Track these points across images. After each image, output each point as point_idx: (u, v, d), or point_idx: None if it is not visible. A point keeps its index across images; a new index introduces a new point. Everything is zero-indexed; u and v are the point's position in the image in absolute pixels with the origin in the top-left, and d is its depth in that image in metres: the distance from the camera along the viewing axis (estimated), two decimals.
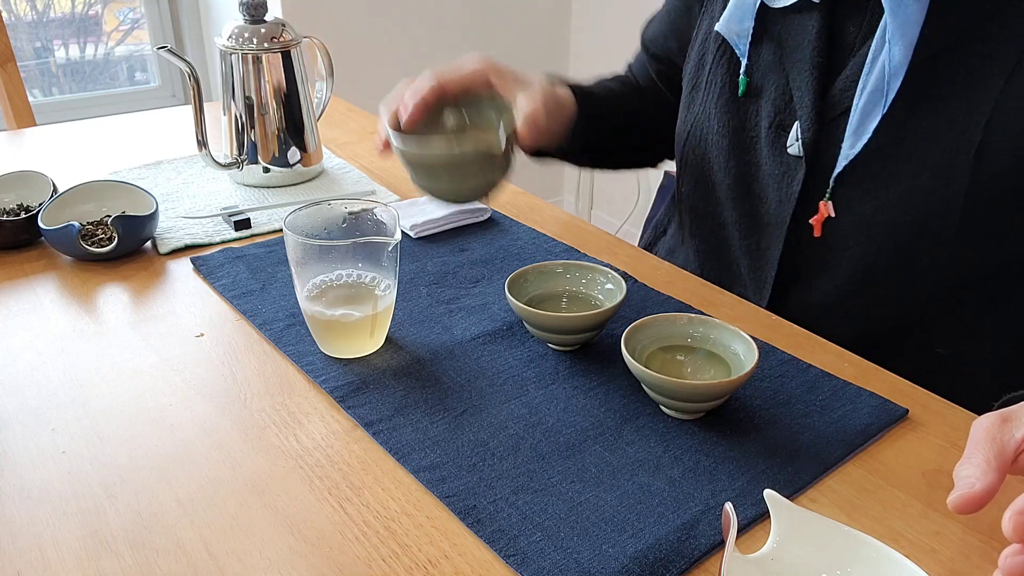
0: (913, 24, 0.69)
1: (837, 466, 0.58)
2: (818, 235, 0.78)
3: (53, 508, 0.54)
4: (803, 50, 0.78)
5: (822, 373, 0.67)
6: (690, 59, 0.91)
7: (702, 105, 0.88)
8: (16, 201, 0.93)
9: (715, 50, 0.87)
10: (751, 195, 0.83)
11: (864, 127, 0.73)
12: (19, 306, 0.77)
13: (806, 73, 0.77)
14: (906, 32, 0.69)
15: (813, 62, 0.77)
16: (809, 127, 0.77)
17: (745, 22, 0.81)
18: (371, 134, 1.25)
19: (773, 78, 0.81)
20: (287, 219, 0.66)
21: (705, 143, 0.87)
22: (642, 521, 0.53)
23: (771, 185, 0.81)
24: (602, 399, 0.64)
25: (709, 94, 0.87)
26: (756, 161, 0.82)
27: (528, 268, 0.74)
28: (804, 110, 0.77)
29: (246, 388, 0.66)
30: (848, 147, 0.74)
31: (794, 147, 0.78)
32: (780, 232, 0.80)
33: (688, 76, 0.92)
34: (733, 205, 0.85)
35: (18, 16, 2.25)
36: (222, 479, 0.57)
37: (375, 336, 0.70)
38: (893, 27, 0.70)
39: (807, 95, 0.77)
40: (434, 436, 0.60)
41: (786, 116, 0.79)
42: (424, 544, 0.51)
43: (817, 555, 0.48)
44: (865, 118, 0.73)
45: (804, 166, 0.77)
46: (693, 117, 0.89)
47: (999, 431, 0.49)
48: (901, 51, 0.70)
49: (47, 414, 0.63)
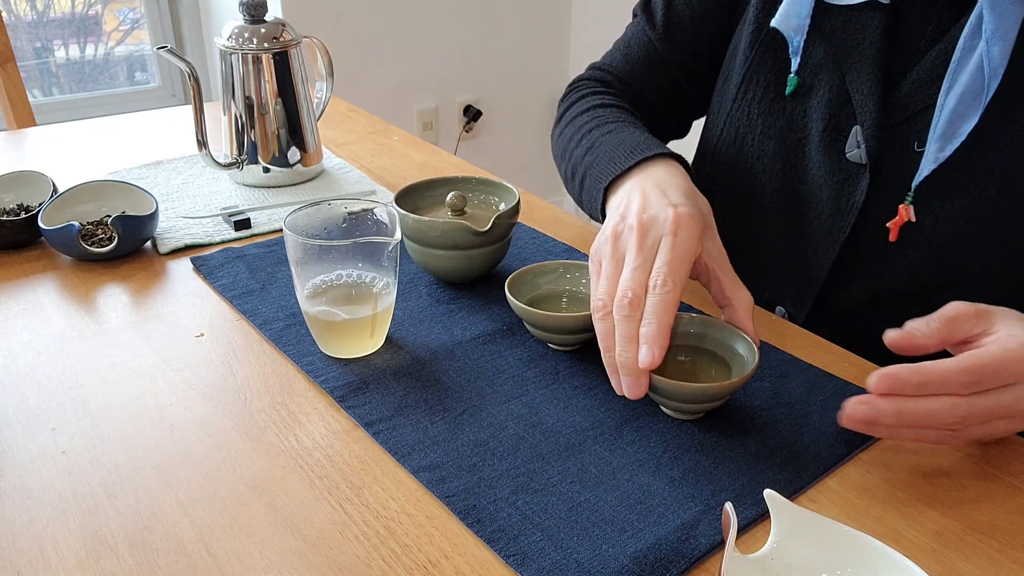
0: (1013, 23, 0.66)
1: (837, 466, 0.58)
2: (894, 239, 0.74)
3: (53, 508, 0.54)
4: (864, 50, 0.74)
5: (822, 373, 0.67)
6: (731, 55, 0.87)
7: (741, 105, 0.83)
8: (16, 201, 0.93)
9: (759, 48, 0.82)
10: (800, 201, 0.80)
11: (956, 130, 0.69)
12: (19, 306, 0.77)
13: (868, 74, 0.73)
14: (1007, 33, 0.66)
15: (877, 63, 0.73)
16: (873, 133, 0.73)
17: (802, 16, 0.77)
18: (371, 134, 1.25)
19: (825, 78, 0.77)
20: (287, 219, 0.66)
21: (743, 146, 0.83)
22: (642, 521, 0.53)
23: (825, 192, 0.77)
24: (602, 399, 0.64)
25: (751, 94, 0.82)
26: (805, 166, 0.79)
27: (528, 268, 0.74)
28: (867, 115, 0.73)
29: (246, 388, 0.66)
30: (936, 150, 0.70)
31: (854, 153, 0.74)
32: (836, 242, 0.77)
33: (725, 75, 0.87)
34: (777, 213, 0.82)
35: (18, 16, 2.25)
36: (222, 479, 0.57)
37: (375, 336, 0.70)
38: (993, 25, 0.66)
39: (870, 98, 0.73)
40: (434, 436, 0.60)
41: (843, 119, 0.76)
42: (424, 544, 0.51)
43: (817, 555, 0.48)
44: (957, 120, 0.68)
45: (868, 174, 0.74)
46: (729, 119, 0.85)
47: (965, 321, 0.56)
48: (1001, 50, 0.66)
49: (47, 414, 0.63)
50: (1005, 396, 0.53)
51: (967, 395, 0.53)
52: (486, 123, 2.84)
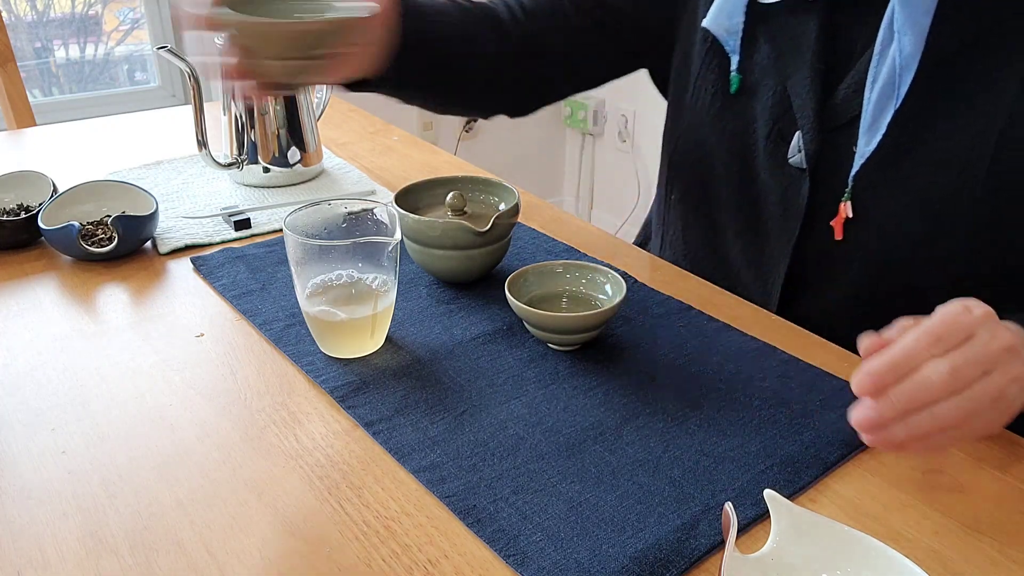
0: (923, 14, 0.66)
1: (837, 466, 0.58)
2: (839, 237, 0.75)
3: (53, 508, 0.54)
4: (801, 54, 0.74)
5: (822, 373, 0.67)
6: (674, 60, 0.88)
7: (692, 109, 0.84)
8: (16, 201, 0.93)
9: (704, 50, 0.83)
10: (753, 203, 0.81)
11: (878, 123, 0.70)
12: (19, 306, 0.77)
13: (806, 80, 0.74)
14: (917, 22, 0.66)
15: (814, 68, 0.74)
16: (812, 138, 0.74)
17: (735, 17, 0.78)
18: (371, 134, 1.25)
19: (768, 82, 0.77)
20: (287, 219, 0.66)
21: (701, 148, 0.84)
22: (642, 521, 0.53)
23: (773, 196, 0.78)
24: (602, 399, 0.64)
25: (701, 97, 0.83)
26: (755, 168, 0.79)
27: (528, 268, 0.74)
28: (806, 120, 0.74)
29: (246, 388, 0.66)
30: (864, 144, 0.71)
31: (796, 158, 0.75)
32: (787, 245, 0.78)
33: (674, 78, 0.88)
34: (735, 214, 0.83)
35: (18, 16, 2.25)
36: (222, 479, 0.57)
37: (375, 336, 0.70)
38: (903, 17, 0.66)
39: (808, 103, 0.74)
40: (434, 436, 0.60)
41: (785, 124, 0.76)
42: (424, 544, 0.51)
43: (817, 555, 0.48)
44: (879, 114, 0.70)
45: (808, 179, 0.75)
46: (685, 121, 0.86)
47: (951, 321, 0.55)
48: (911, 42, 0.67)
49: (47, 414, 0.63)
50: (976, 346, 0.54)
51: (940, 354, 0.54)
52: (486, 123, 2.84)
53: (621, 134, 2.70)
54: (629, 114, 2.65)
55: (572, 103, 2.86)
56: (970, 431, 0.56)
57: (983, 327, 0.56)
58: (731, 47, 0.79)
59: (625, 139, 2.70)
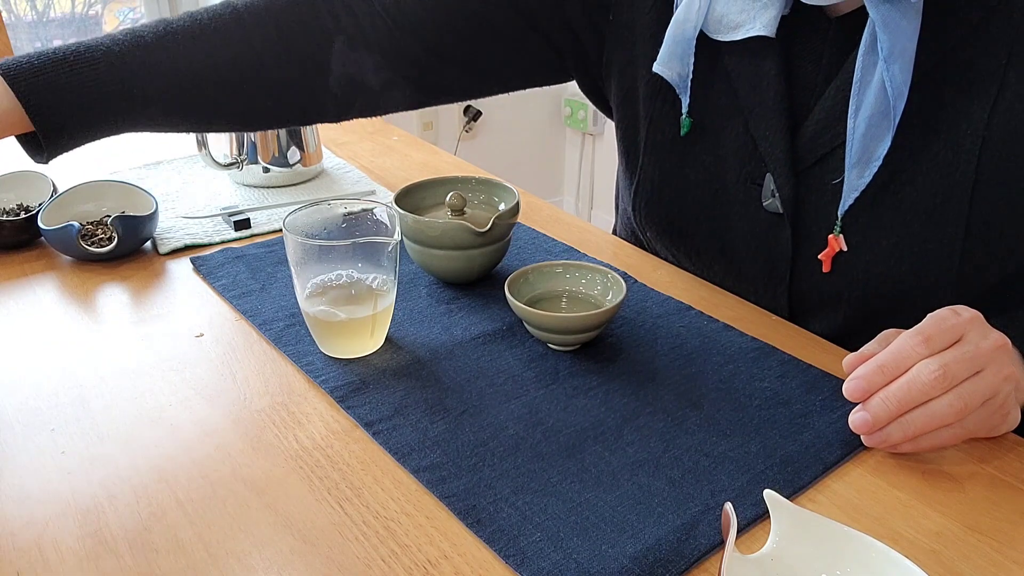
0: (909, 38, 0.63)
1: (837, 466, 0.58)
2: (827, 270, 0.71)
3: (53, 508, 0.54)
4: (762, 93, 0.71)
5: (822, 373, 0.67)
6: (622, 111, 0.83)
7: (651, 157, 0.80)
8: (16, 201, 0.93)
9: (655, 94, 0.78)
10: (733, 251, 0.78)
11: (872, 153, 0.65)
12: (19, 306, 0.77)
13: (772, 121, 0.71)
14: (905, 48, 0.63)
15: (778, 106, 0.70)
16: (786, 181, 0.71)
17: (686, 59, 0.73)
18: (371, 134, 1.25)
19: (731, 126, 0.74)
20: (287, 219, 0.66)
21: (663, 198, 0.80)
22: (642, 521, 0.53)
23: (754, 243, 0.76)
24: (602, 399, 0.64)
25: (656, 139, 0.79)
26: (728, 215, 0.76)
27: (528, 268, 0.74)
28: (776, 163, 0.71)
29: (246, 388, 0.66)
30: (855, 178, 0.66)
31: (771, 203, 0.73)
32: (780, 287, 0.76)
33: (618, 117, 0.84)
34: (716, 261, 0.80)
35: (18, 16, 2.25)
36: (222, 479, 0.57)
37: (375, 336, 0.70)
38: (889, 43, 0.62)
39: (778, 145, 0.71)
40: (434, 436, 0.60)
41: (754, 167, 0.73)
42: (424, 544, 0.51)
43: (817, 555, 0.48)
44: (871, 143, 0.65)
45: (788, 224, 0.72)
46: (643, 172, 0.81)
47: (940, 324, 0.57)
48: (901, 68, 0.63)
49: (47, 414, 0.63)
50: (966, 346, 0.55)
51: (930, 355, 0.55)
52: (486, 123, 2.84)
53: None
54: None
55: (572, 103, 2.86)
56: (965, 429, 0.56)
57: (973, 329, 0.57)
58: (682, 89, 0.74)
59: None
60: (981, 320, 0.58)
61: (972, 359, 0.55)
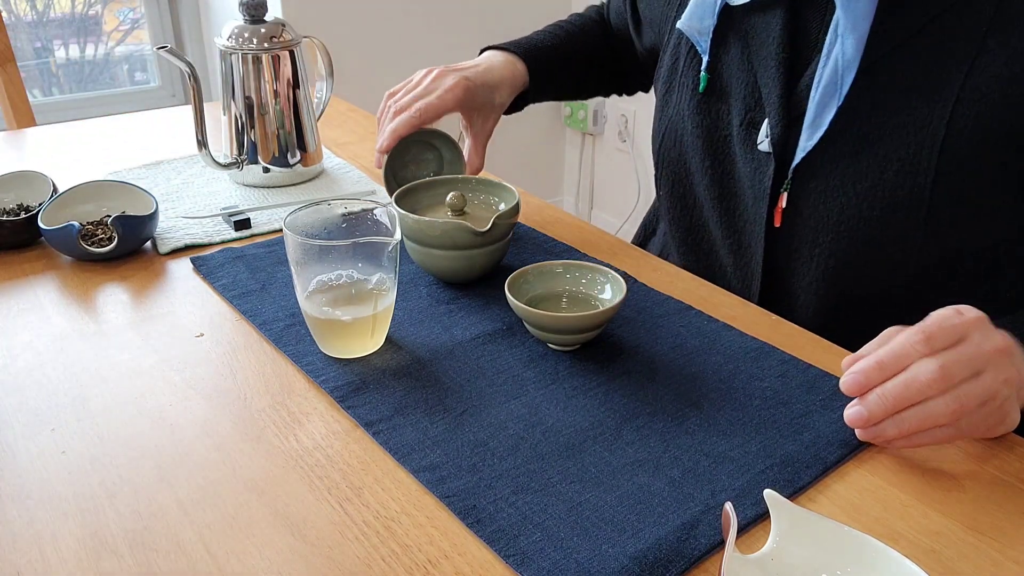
0: (863, 18, 0.70)
1: (837, 466, 0.58)
2: (778, 224, 0.79)
3: (53, 508, 0.54)
4: (768, 47, 0.79)
5: (822, 373, 0.67)
6: (662, 62, 0.93)
7: (675, 107, 0.89)
8: (16, 201, 0.93)
9: (686, 52, 0.88)
10: (729, 194, 0.84)
11: (820, 120, 0.74)
12: (19, 306, 0.77)
13: (772, 70, 0.78)
14: (857, 26, 0.71)
15: (778, 59, 0.78)
16: (778, 123, 0.78)
17: (706, 20, 0.83)
18: (371, 134, 1.25)
19: (742, 77, 0.82)
20: (287, 219, 0.66)
21: (681, 145, 0.88)
22: (642, 521, 0.53)
23: (746, 183, 0.82)
24: (602, 399, 0.64)
25: (682, 95, 0.88)
26: (731, 160, 0.83)
27: (528, 268, 0.74)
28: (772, 107, 0.78)
29: (246, 388, 0.66)
30: (805, 139, 0.75)
31: (764, 143, 0.79)
32: (759, 229, 0.81)
33: (661, 78, 0.93)
34: (713, 205, 0.86)
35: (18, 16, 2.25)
36: (222, 479, 0.57)
37: (375, 336, 0.70)
38: (845, 21, 0.71)
39: (774, 91, 0.78)
40: (434, 436, 0.60)
41: (756, 114, 0.80)
42: (424, 544, 0.51)
43: (817, 555, 0.48)
44: (821, 111, 0.74)
45: (773, 161, 0.78)
46: (668, 119, 0.90)
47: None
48: (853, 44, 0.71)
49: (47, 414, 0.63)
50: (967, 347, 0.56)
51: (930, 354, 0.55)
52: None
53: (621, 134, 2.70)
54: (629, 114, 2.65)
55: (572, 103, 2.86)
56: (961, 429, 0.56)
57: (976, 330, 0.57)
58: (702, 48, 0.84)
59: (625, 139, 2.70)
60: (985, 321, 0.58)
61: (972, 360, 0.55)
